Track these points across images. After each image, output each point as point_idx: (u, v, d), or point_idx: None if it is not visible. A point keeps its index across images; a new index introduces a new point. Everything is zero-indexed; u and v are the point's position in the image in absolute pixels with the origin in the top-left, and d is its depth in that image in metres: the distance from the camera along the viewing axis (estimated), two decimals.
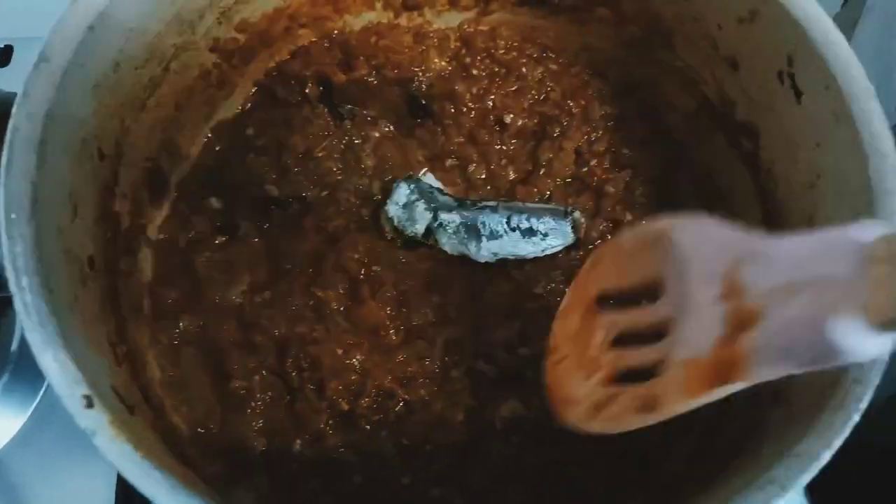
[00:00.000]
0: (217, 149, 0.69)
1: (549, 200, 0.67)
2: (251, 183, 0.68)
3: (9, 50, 0.91)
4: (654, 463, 0.59)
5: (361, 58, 0.70)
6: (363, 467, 0.58)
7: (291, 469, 0.57)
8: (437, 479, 0.57)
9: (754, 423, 0.51)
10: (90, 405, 0.38)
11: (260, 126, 0.70)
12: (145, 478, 0.37)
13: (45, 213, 0.44)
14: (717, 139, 0.65)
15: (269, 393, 0.59)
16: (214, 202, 0.67)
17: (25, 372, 0.76)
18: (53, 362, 0.38)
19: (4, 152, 0.43)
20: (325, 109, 0.70)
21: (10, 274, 0.40)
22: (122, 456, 0.37)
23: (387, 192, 0.66)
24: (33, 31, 0.91)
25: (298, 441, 0.57)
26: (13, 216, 0.42)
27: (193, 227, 0.65)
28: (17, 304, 0.40)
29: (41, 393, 0.75)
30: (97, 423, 0.37)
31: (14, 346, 0.76)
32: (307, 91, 0.70)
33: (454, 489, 0.57)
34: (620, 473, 0.58)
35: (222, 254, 0.65)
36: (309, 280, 0.63)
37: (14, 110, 0.44)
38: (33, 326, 0.39)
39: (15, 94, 0.46)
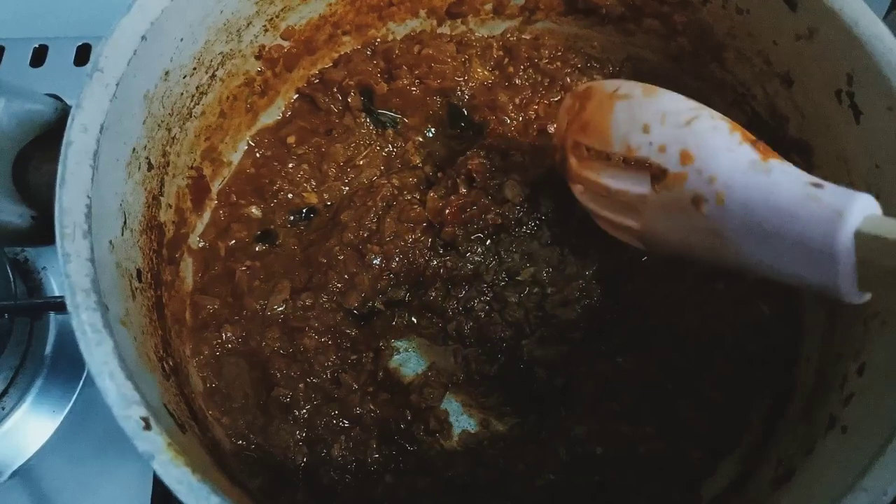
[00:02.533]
0: (257, 156, 0.69)
1: None
2: (291, 191, 0.67)
3: (43, 50, 0.91)
4: (698, 484, 0.58)
5: (404, 67, 0.69)
6: (399, 479, 0.57)
7: (331, 480, 0.56)
8: (469, 501, 0.57)
9: (806, 448, 0.50)
10: (148, 427, 0.37)
11: (300, 134, 0.70)
12: (203, 501, 0.36)
13: (99, 226, 0.44)
14: None
15: (314, 401, 0.58)
16: (254, 210, 0.67)
17: (59, 376, 0.76)
18: (111, 382, 0.38)
19: (60, 166, 0.43)
20: (367, 118, 0.69)
21: (66, 292, 0.40)
22: (180, 480, 0.37)
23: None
24: (67, 31, 0.92)
25: (338, 448, 0.57)
26: (68, 231, 0.41)
27: (233, 234, 0.65)
28: (74, 323, 0.39)
29: (75, 396, 0.75)
30: (156, 447, 0.37)
31: (48, 349, 0.77)
32: (349, 100, 0.69)
33: None
34: (665, 495, 0.57)
35: (263, 261, 0.65)
36: (349, 279, 0.63)
37: (69, 123, 0.44)
38: (90, 346, 0.39)
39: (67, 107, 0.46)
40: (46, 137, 0.48)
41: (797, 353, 0.59)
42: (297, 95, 0.70)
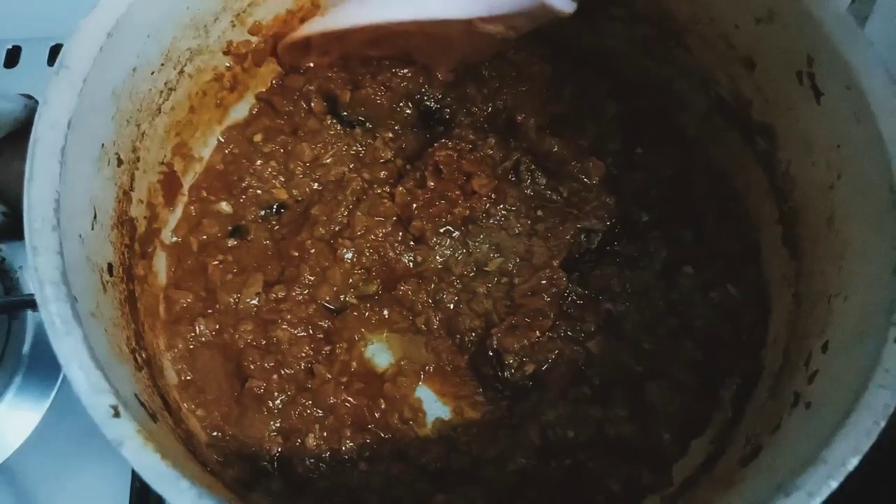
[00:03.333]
0: (226, 153, 0.69)
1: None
2: (260, 187, 0.68)
3: (16, 51, 0.91)
4: (670, 464, 0.59)
5: (368, 76, 0.70)
6: (373, 467, 0.58)
7: (306, 468, 0.57)
8: (443, 486, 0.58)
9: (773, 425, 0.51)
10: (117, 415, 0.38)
11: (267, 133, 0.70)
12: (172, 487, 0.37)
13: (68, 220, 0.44)
14: (731, 138, 0.65)
15: (287, 392, 0.59)
16: (224, 206, 0.67)
17: (38, 373, 0.76)
18: (79, 371, 0.38)
19: (28, 162, 0.43)
20: (332, 119, 0.70)
21: (34, 284, 0.40)
22: (149, 466, 0.37)
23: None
24: (40, 31, 0.92)
25: (312, 437, 0.58)
26: (37, 226, 0.42)
27: (205, 230, 0.66)
28: (43, 314, 0.39)
29: (53, 394, 0.75)
30: (124, 433, 0.38)
31: (26, 348, 0.77)
32: (312, 105, 0.70)
33: (460, 497, 0.57)
34: (637, 477, 0.58)
35: (235, 255, 0.65)
36: (321, 272, 0.64)
37: (36, 119, 0.44)
38: (59, 336, 0.39)
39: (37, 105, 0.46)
40: (16, 135, 0.48)
41: (765, 334, 0.60)
42: (260, 103, 0.70)
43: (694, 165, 0.68)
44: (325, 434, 0.58)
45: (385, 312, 0.64)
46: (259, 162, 0.68)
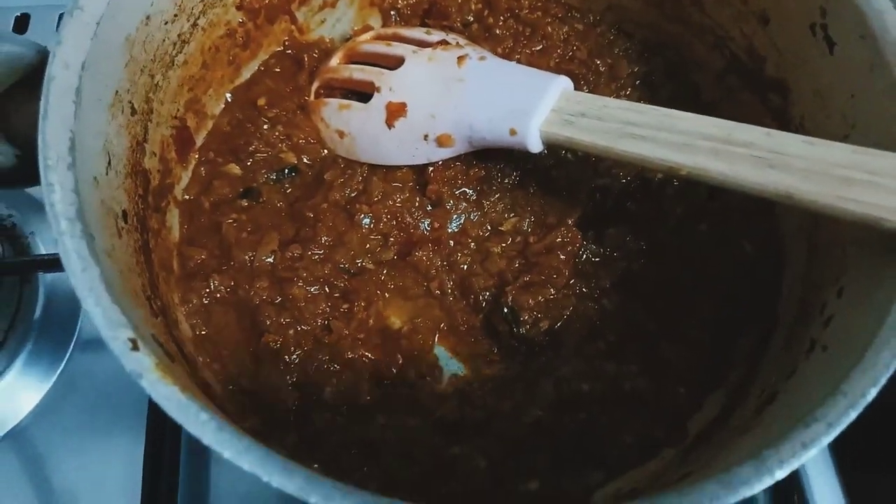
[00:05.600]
0: (236, 115, 0.69)
1: None
2: (267, 151, 0.68)
3: (25, 18, 0.91)
4: (685, 416, 0.58)
5: None
6: (389, 420, 0.58)
7: (323, 421, 0.57)
8: (459, 439, 0.57)
9: (788, 371, 0.51)
10: (136, 348, 0.38)
11: (270, 97, 0.69)
12: (192, 418, 0.37)
13: (83, 162, 0.44)
14: (745, 97, 0.64)
15: (304, 347, 0.59)
16: (234, 168, 0.67)
17: (49, 340, 0.76)
18: (97, 307, 0.38)
19: (42, 101, 0.43)
20: None
21: (52, 220, 0.40)
22: (168, 397, 0.37)
23: None
24: None
25: (329, 391, 0.58)
26: (51, 163, 0.42)
27: (216, 191, 0.65)
28: (60, 249, 0.39)
29: (65, 361, 0.75)
30: (143, 366, 0.37)
31: (37, 314, 0.77)
32: None
33: (475, 449, 0.56)
34: (651, 431, 0.58)
35: (248, 215, 0.65)
36: (338, 236, 0.63)
37: (50, 59, 0.44)
38: (76, 271, 0.39)
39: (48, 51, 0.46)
40: (28, 80, 0.48)
41: (779, 287, 0.60)
42: (279, 50, 0.70)
43: None
44: (342, 388, 0.58)
45: (400, 278, 0.64)
46: (265, 126, 0.68)
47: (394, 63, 0.66)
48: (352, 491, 0.36)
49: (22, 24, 0.90)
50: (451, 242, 0.65)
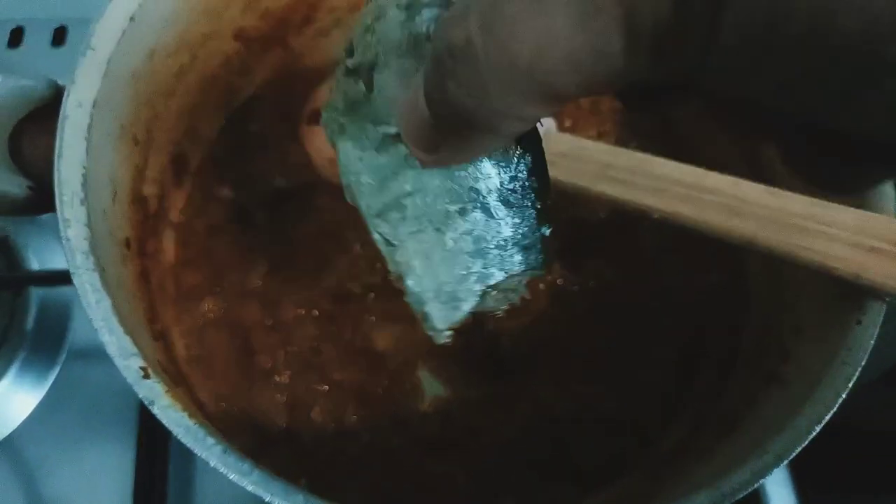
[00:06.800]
0: (228, 140, 0.71)
1: None
2: (260, 176, 0.70)
3: (20, 31, 0.92)
4: (653, 438, 0.62)
5: None
6: (375, 439, 0.61)
7: (311, 439, 0.60)
8: (442, 456, 0.61)
9: (749, 400, 0.55)
10: (147, 376, 0.41)
11: (264, 124, 0.72)
12: (200, 443, 0.40)
13: (94, 195, 0.47)
14: (719, 137, 0.68)
15: (294, 368, 0.62)
16: (226, 192, 0.70)
17: (41, 352, 0.78)
18: (111, 337, 0.41)
19: (57, 140, 0.45)
20: None
21: (68, 255, 0.42)
22: (178, 423, 0.40)
23: None
24: (43, 12, 0.93)
25: (318, 410, 0.61)
26: (66, 199, 0.44)
27: (210, 214, 0.68)
28: (77, 283, 0.42)
29: (56, 372, 0.77)
30: (154, 393, 0.40)
31: (30, 324, 0.78)
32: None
33: (455, 466, 0.60)
34: (619, 448, 0.61)
35: (240, 238, 0.67)
36: (326, 257, 0.66)
37: (65, 98, 0.46)
38: (91, 303, 0.42)
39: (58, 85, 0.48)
40: (38, 113, 0.51)
41: (743, 320, 0.64)
42: (273, 77, 0.73)
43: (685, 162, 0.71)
44: (330, 407, 0.61)
45: (386, 302, 0.67)
46: (259, 152, 0.71)
47: None
48: None
49: (17, 36, 0.91)
50: None
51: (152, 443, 0.70)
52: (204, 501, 0.72)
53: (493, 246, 0.38)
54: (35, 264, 0.80)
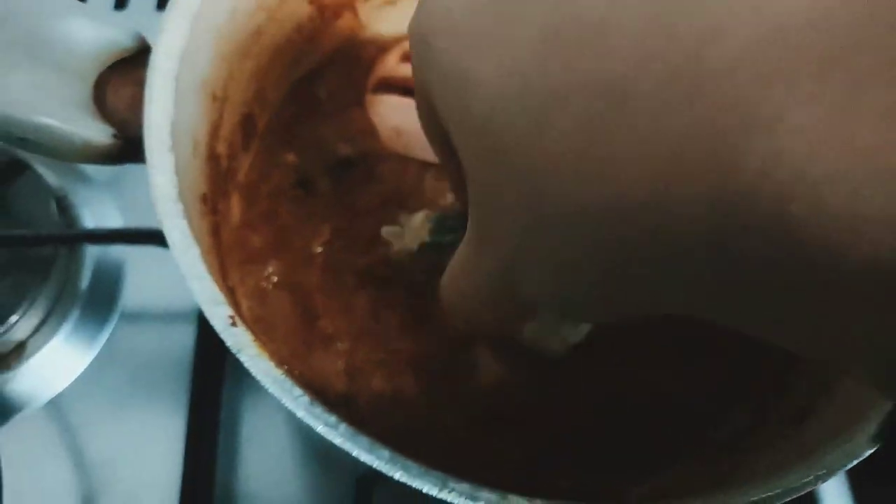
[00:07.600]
0: (293, 106, 0.71)
1: None
2: (324, 143, 0.70)
3: None
4: (713, 427, 0.61)
5: None
6: (431, 412, 0.60)
7: (369, 407, 0.60)
8: (498, 432, 0.60)
9: (820, 391, 0.54)
10: (234, 324, 0.40)
11: (330, 91, 0.72)
12: (287, 393, 0.40)
13: (178, 146, 0.46)
14: None
15: (354, 335, 0.61)
16: (291, 157, 0.69)
17: (94, 312, 0.78)
18: (200, 283, 0.41)
19: (147, 87, 0.45)
20: None
21: (157, 201, 0.42)
22: (265, 371, 0.40)
23: None
24: None
25: (376, 378, 0.60)
26: (155, 146, 0.44)
27: (273, 179, 0.68)
28: (165, 229, 0.42)
29: (108, 333, 0.77)
30: (242, 342, 0.40)
31: (84, 284, 0.79)
32: None
33: (512, 442, 0.59)
34: (677, 436, 0.61)
35: (303, 204, 0.67)
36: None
37: (154, 48, 0.46)
38: (179, 251, 0.41)
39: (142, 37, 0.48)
40: (122, 63, 0.51)
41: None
42: (341, 45, 0.72)
43: None
44: (387, 377, 0.61)
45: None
46: (323, 119, 0.70)
47: None
48: (428, 470, 0.39)
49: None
50: None
51: (203, 408, 0.70)
52: (250, 476, 0.72)
53: None
54: (91, 224, 0.80)
